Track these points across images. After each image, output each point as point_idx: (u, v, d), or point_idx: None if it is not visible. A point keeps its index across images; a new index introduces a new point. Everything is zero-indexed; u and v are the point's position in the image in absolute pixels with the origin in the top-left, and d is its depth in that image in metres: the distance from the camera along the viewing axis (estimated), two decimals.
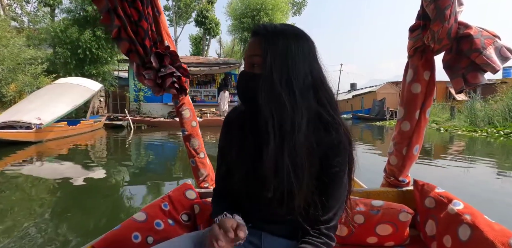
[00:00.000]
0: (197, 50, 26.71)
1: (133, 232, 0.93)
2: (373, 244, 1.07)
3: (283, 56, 0.67)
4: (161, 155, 6.49)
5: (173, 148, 7.47)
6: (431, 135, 9.59)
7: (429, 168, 4.52)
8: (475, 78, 0.98)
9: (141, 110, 15.10)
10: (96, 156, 6.17)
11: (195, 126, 1.33)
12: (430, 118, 11.84)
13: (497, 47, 0.94)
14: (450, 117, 13.37)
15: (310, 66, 0.70)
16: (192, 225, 1.15)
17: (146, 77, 1.08)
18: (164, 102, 15.35)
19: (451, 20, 0.93)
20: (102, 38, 12.79)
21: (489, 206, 2.68)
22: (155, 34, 1.09)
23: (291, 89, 0.67)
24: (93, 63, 12.81)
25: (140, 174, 4.56)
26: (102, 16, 0.99)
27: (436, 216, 1.01)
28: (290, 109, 0.66)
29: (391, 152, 1.20)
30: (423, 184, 1.14)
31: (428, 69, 1.09)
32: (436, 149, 6.85)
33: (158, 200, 1.11)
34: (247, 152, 0.75)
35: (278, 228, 0.79)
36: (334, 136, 0.71)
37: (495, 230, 0.79)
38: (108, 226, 1.42)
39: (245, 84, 0.73)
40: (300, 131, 0.67)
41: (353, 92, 28.67)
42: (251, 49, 0.71)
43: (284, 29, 0.71)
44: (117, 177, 4.21)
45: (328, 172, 0.71)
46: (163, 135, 10.18)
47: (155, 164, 5.56)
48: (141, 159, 5.96)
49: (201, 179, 1.32)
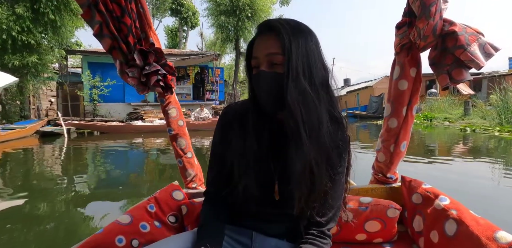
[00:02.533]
0: (173, 43, 23.66)
1: (117, 236, 0.89)
2: (362, 241, 1.07)
3: (304, 53, 0.66)
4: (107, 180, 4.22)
5: (128, 165, 5.40)
6: (455, 135, 7.79)
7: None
8: (459, 74, 0.99)
9: (98, 112, 12.76)
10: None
11: (182, 125, 1.30)
12: (440, 115, 10.46)
13: (481, 43, 0.96)
14: (464, 114, 11.72)
15: (322, 61, 0.69)
16: (180, 227, 1.12)
17: (130, 75, 1.04)
18: (126, 102, 13.45)
19: (436, 17, 0.94)
20: (27, 18, 9.48)
21: None
22: (139, 31, 1.05)
23: (314, 86, 0.66)
24: (18, 51, 9.75)
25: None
26: (83, 12, 0.96)
27: (423, 212, 1.02)
28: (317, 107, 0.65)
29: (379, 148, 1.20)
30: (410, 180, 1.15)
31: (414, 66, 1.09)
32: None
33: (144, 201, 1.07)
34: (248, 152, 0.71)
35: (270, 227, 0.78)
36: (340, 134, 0.71)
37: (480, 224, 0.80)
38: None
39: (271, 85, 0.67)
40: (324, 129, 0.66)
41: (347, 88, 27.06)
42: (269, 47, 0.67)
43: (298, 24, 0.69)
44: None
45: (334, 171, 0.71)
46: (116, 142, 8.17)
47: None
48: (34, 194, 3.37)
49: (188, 179, 1.29)
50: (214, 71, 15.07)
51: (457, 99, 14.08)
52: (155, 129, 10.54)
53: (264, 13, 17.60)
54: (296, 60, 0.64)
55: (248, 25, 17.63)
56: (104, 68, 13.10)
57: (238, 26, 17.58)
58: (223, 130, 0.79)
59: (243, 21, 17.41)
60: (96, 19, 0.95)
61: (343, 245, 1.07)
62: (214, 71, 15.08)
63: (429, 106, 14.69)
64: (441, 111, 13.36)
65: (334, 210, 0.73)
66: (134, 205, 1.06)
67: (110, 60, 7.42)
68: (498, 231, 0.76)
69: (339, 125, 0.71)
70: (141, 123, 11.26)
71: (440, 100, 14.61)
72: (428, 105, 15.06)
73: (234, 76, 19.52)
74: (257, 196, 0.72)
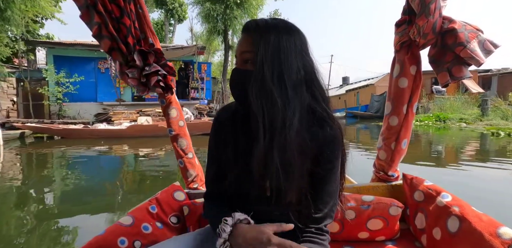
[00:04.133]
0: (159, 37, 21.31)
1: (119, 237, 0.89)
2: (365, 239, 1.07)
3: (275, 51, 0.66)
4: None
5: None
6: (488, 141, 6.51)
7: None
8: (459, 71, 1.00)
9: (64, 114, 11.07)
10: None
11: (182, 126, 1.30)
12: (454, 115, 9.36)
13: (480, 40, 0.96)
14: (482, 114, 10.66)
15: (303, 61, 0.69)
16: (182, 227, 1.11)
17: (130, 76, 1.04)
18: (99, 101, 11.88)
19: (436, 14, 0.94)
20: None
21: None
22: (138, 32, 1.05)
23: (283, 85, 0.66)
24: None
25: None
26: (81, 13, 0.95)
27: (425, 209, 1.02)
28: (281, 105, 0.65)
29: (380, 146, 1.20)
30: (412, 178, 1.15)
31: (414, 63, 1.10)
32: None
33: (145, 202, 1.07)
34: (240, 151, 0.73)
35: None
36: (328, 131, 0.71)
37: (483, 221, 0.80)
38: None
39: (237, 81, 0.72)
40: (292, 128, 0.65)
41: (346, 87, 25.56)
42: (243, 46, 0.70)
43: (275, 24, 0.69)
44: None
45: (324, 167, 0.71)
46: (78, 149, 6.59)
47: None
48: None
49: (190, 179, 1.28)
50: (200, 66, 13.48)
51: (469, 97, 12.72)
52: (120, 134, 8.33)
53: (255, 0, 15.81)
54: (263, 58, 0.65)
55: (237, 13, 15.53)
56: (72, 62, 11.72)
57: (226, 14, 15.46)
58: (217, 132, 0.81)
59: (231, 9, 15.32)
60: (94, 21, 0.94)
61: (346, 244, 1.07)
62: (200, 66, 13.57)
63: (439, 106, 13.33)
64: (453, 111, 12.10)
65: (329, 206, 0.73)
66: (135, 207, 1.06)
67: (80, 54, 6.72)
68: (501, 227, 0.76)
69: (325, 122, 0.71)
70: (105, 126, 9.13)
71: (452, 99, 13.11)
72: (437, 104, 13.67)
73: (223, 73, 17.17)
74: (251, 194, 0.73)
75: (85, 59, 12.11)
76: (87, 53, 11.92)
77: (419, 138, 7.82)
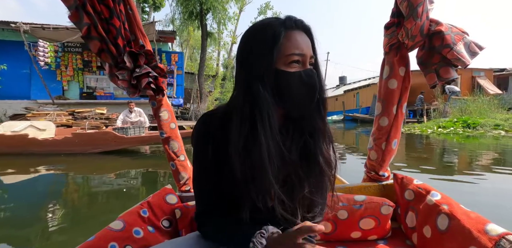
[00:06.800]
0: None
1: (110, 243, 0.87)
2: (357, 238, 1.08)
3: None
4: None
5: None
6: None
7: None
8: (447, 73, 1.03)
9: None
10: None
11: (174, 128, 1.28)
12: (487, 121, 8.17)
13: (466, 42, 0.99)
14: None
15: None
16: (174, 231, 1.10)
17: (120, 77, 1.02)
18: (33, 98, 9.17)
19: (423, 17, 0.97)
20: None
21: None
22: (128, 33, 1.03)
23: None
24: None
25: None
26: (70, 14, 0.93)
27: (415, 208, 1.04)
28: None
29: (371, 147, 1.22)
30: (402, 177, 1.17)
31: (403, 65, 1.12)
32: None
33: (136, 206, 1.05)
34: (248, 166, 0.64)
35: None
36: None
37: (471, 218, 0.82)
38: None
39: (314, 84, 0.66)
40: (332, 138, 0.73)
41: (344, 87, 23.05)
42: (309, 48, 0.66)
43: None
44: None
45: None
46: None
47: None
48: None
49: (182, 182, 1.27)
50: (169, 57, 10.62)
51: (495, 100, 11.08)
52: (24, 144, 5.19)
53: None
54: (318, 61, 0.70)
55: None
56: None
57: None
58: (210, 145, 0.69)
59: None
60: (84, 21, 0.92)
61: (339, 243, 1.07)
62: (170, 57, 10.68)
63: (460, 109, 11.02)
64: (481, 115, 9.97)
65: (320, 205, 0.74)
66: (126, 211, 1.04)
67: (5, 36, 6.11)
68: (488, 224, 0.78)
69: None
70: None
71: (479, 101, 10.93)
72: (455, 106, 11.44)
73: (199, 67, 13.18)
74: (256, 205, 0.66)
75: (13, 44, 8.98)
76: (16, 36, 8.43)
77: (463, 151, 5.42)
